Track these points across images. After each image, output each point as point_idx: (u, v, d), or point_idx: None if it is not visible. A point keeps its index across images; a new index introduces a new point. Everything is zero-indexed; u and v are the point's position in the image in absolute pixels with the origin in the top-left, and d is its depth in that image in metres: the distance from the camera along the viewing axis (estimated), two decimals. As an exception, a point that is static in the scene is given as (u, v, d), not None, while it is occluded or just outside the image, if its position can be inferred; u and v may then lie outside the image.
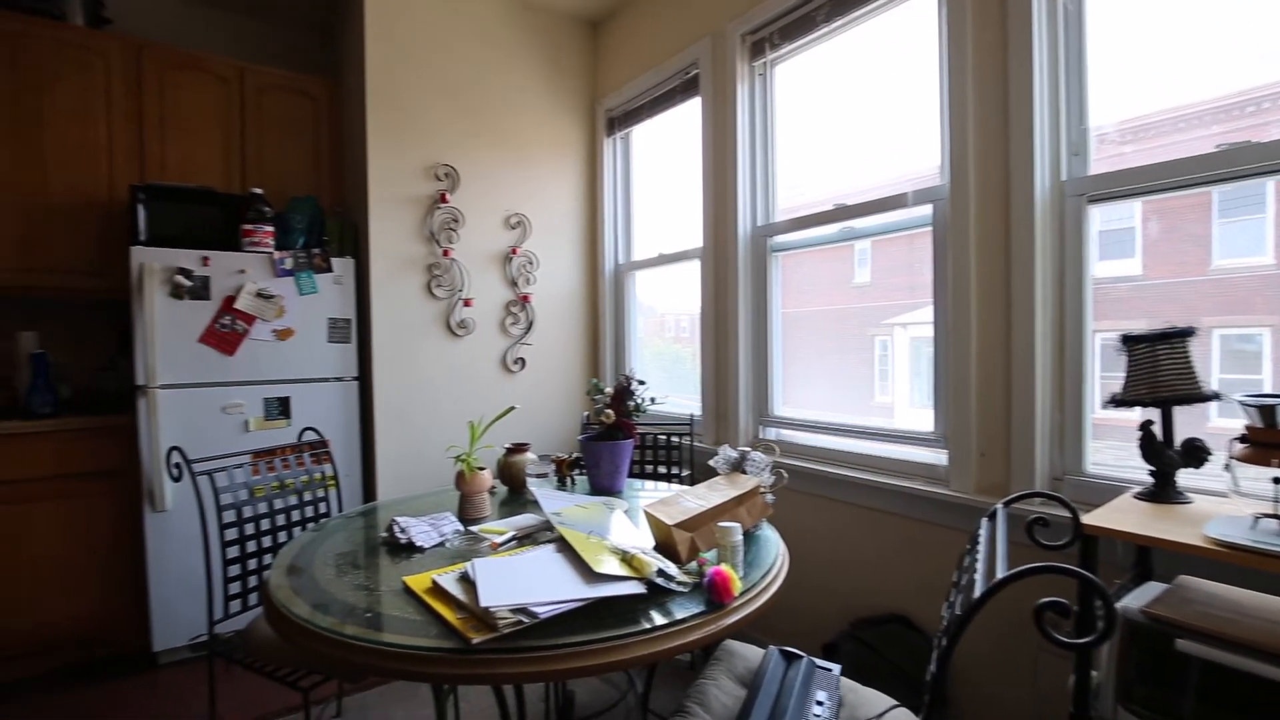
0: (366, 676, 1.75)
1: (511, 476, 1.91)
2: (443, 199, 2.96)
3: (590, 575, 1.17)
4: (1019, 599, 1.23)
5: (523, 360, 3.21)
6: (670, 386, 3.17)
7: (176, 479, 1.79)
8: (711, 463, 1.64)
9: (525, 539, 1.45)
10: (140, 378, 2.38)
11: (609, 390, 1.94)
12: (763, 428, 2.57)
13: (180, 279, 2.42)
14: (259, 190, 2.67)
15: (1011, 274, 1.71)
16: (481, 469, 1.67)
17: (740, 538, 1.25)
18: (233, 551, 1.79)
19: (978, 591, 0.91)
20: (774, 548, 1.41)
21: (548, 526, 1.49)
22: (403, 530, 1.47)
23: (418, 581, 1.20)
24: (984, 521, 1.23)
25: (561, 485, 1.98)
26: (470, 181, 3.04)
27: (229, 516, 1.79)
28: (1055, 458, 1.69)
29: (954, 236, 1.84)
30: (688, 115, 2.93)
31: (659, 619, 1.07)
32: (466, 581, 1.16)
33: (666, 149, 3.18)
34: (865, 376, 2.30)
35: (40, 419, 2.39)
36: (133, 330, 2.39)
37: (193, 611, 2.44)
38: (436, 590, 1.15)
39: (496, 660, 0.97)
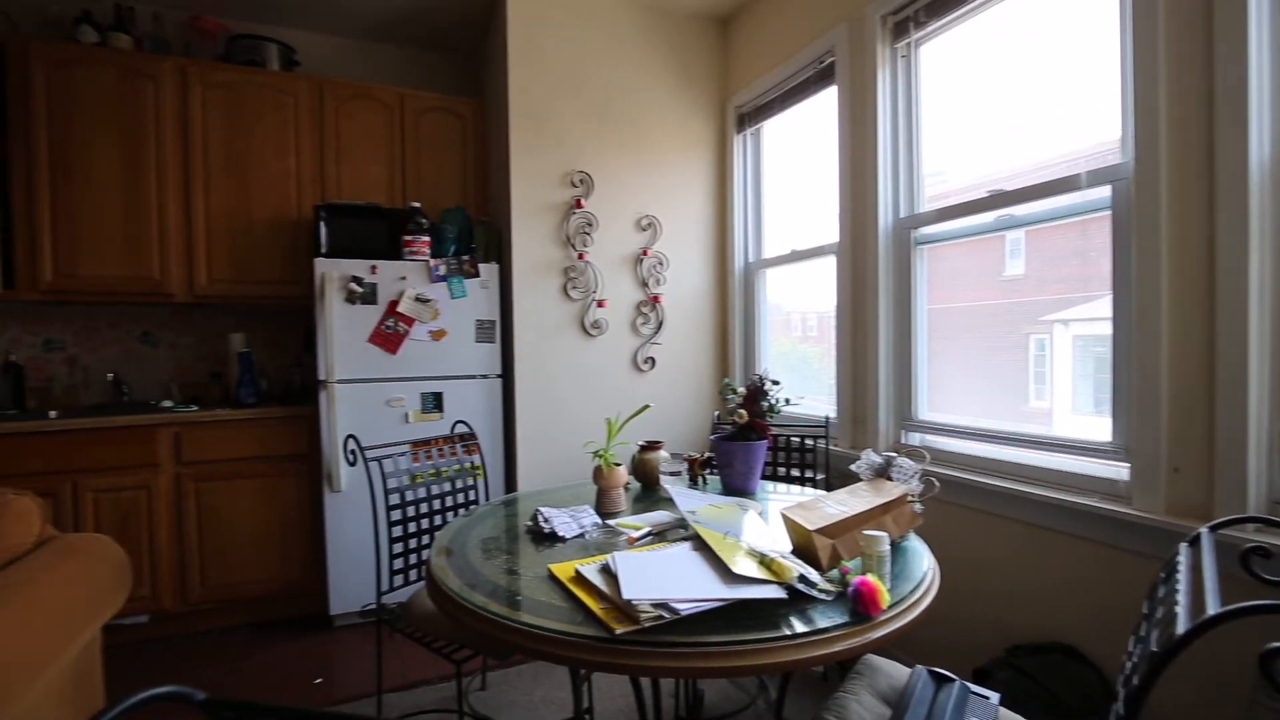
0: (513, 654, 1.86)
1: (645, 473, 1.94)
2: (578, 204, 3.08)
3: (729, 576, 1.17)
4: (1228, 639, 1.06)
5: (653, 360, 3.27)
6: (798, 387, 3.08)
7: (352, 464, 2.03)
8: (854, 467, 1.57)
9: (659, 535, 1.48)
10: (321, 373, 2.70)
11: (741, 390, 1.91)
12: (905, 432, 2.41)
13: (353, 286, 2.72)
14: (417, 204, 2.95)
15: (1216, 261, 1.47)
16: (618, 465, 1.72)
17: (888, 548, 1.18)
18: (396, 531, 1.98)
19: (1181, 627, 0.79)
20: (924, 561, 1.33)
21: (682, 524, 1.50)
22: (546, 520, 1.55)
23: (562, 570, 1.26)
24: (1183, 547, 1.07)
25: (694, 484, 1.99)
26: (603, 186, 3.13)
27: (393, 499, 1.98)
28: (1275, 477, 1.43)
29: (1140, 220, 1.62)
30: (822, 106, 2.83)
31: (800, 626, 1.04)
32: (608, 573, 1.19)
33: (799, 143, 3.09)
34: (1018, 379, 2.08)
35: (246, 408, 2.80)
36: (316, 331, 2.73)
37: (361, 582, 2.73)
38: (580, 579, 1.20)
39: (639, 652, 0.99)
